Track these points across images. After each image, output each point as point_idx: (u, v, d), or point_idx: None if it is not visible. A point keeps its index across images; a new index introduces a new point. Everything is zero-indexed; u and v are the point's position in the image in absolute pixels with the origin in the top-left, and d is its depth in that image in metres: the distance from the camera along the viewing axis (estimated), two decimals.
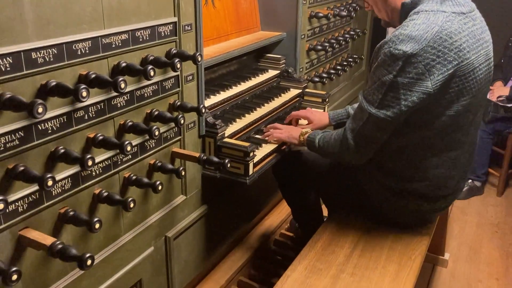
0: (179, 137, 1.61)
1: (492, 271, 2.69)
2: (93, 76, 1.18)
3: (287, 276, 1.57)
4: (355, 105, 2.12)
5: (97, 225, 1.16)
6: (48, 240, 1.10)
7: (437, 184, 1.69)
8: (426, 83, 1.46)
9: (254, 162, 1.77)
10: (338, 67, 2.82)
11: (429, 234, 1.81)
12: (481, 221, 3.20)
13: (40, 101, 0.98)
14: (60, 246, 1.08)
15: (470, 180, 3.49)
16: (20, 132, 1.07)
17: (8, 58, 1.01)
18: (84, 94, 1.08)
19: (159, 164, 1.50)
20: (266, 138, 1.97)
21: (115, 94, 1.31)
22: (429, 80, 1.46)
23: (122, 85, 1.16)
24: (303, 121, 2.18)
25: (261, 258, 2.41)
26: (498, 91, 3.41)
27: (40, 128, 1.11)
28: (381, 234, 1.79)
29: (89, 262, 1.07)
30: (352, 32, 2.96)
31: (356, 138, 1.64)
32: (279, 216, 2.63)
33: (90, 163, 1.13)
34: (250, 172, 1.74)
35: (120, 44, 1.29)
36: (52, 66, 1.12)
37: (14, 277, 0.98)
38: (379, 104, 1.54)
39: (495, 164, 3.75)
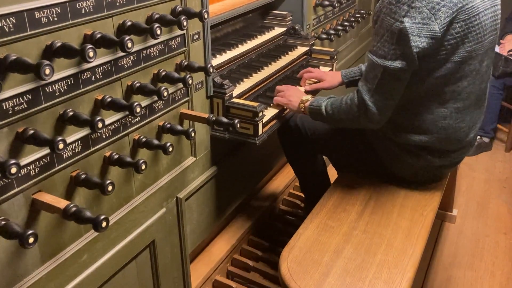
0: (187, 98, 1.59)
1: (500, 226, 2.72)
2: (99, 36, 1.14)
3: (300, 234, 1.58)
4: None
5: (109, 187, 1.16)
6: (61, 203, 1.09)
7: (445, 137, 1.68)
8: (433, 27, 1.46)
9: (263, 122, 1.75)
10: (346, 23, 2.74)
11: (440, 191, 1.81)
12: (489, 177, 3.20)
13: (47, 62, 0.95)
14: (74, 208, 1.07)
15: (478, 136, 3.47)
16: (27, 95, 1.05)
17: (11, 18, 0.98)
18: (91, 54, 1.05)
19: (168, 125, 1.48)
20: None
21: (121, 54, 1.27)
22: (436, 24, 1.45)
23: (129, 45, 1.12)
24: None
25: (270, 218, 2.43)
26: (509, 45, 3.33)
27: (48, 90, 1.09)
28: (392, 191, 1.79)
29: (104, 224, 1.07)
30: None
31: (374, 97, 1.59)
32: (288, 175, 2.64)
33: (100, 125, 1.11)
34: (260, 132, 1.72)
35: (124, 2, 1.25)
36: (57, 26, 1.08)
37: (31, 240, 0.98)
38: (392, 55, 1.51)
39: (504, 120, 3.72)
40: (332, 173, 2.21)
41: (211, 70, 1.51)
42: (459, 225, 2.73)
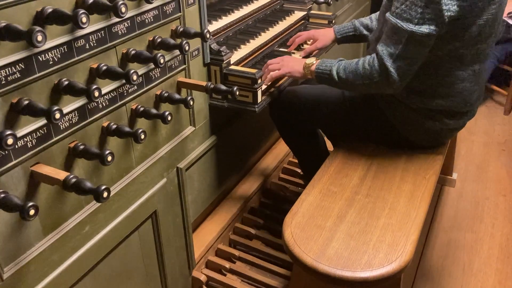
0: (184, 66, 1.55)
1: (499, 188, 2.73)
2: (92, 1, 1.10)
3: (302, 200, 1.57)
4: (362, 19, 2.02)
5: (109, 158, 1.13)
6: (61, 174, 1.07)
7: (461, 99, 1.65)
8: None
9: (263, 89, 1.72)
10: None
11: (442, 154, 1.79)
12: (488, 141, 3.20)
13: (38, 28, 0.91)
14: (74, 179, 1.05)
15: None
16: (20, 64, 1.01)
17: None
18: (84, 19, 1.00)
19: (165, 94, 1.45)
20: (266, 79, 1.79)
21: (115, 20, 1.23)
22: None
23: (123, 9, 1.08)
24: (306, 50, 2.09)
25: (271, 186, 2.43)
26: (508, 7, 3.27)
27: (41, 59, 1.05)
28: (394, 155, 1.77)
29: (105, 194, 1.05)
30: None
31: (396, 63, 1.51)
32: None
33: (96, 94, 1.08)
34: (259, 100, 1.69)
35: None
36: None
37: (32, 212, 0.96)
38: (420, 20, 1.44)
39: (503, 83, 3.69)
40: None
41: (208, 35, 1.47)
42: (459, 188, 2.74)
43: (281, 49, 2.06)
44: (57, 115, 1.00)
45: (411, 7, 1.45)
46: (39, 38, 0.92)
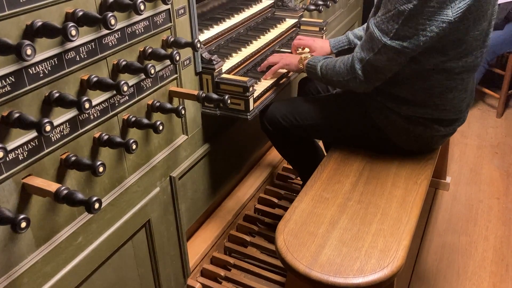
0: (176, 75, 1.56)
1: (493, 191, 2.74)
2: (81, 13, 1.11)
3: (295, 208, 1.58)
4: (356, 30, 2.05)
5: (100, 169, 1.14)
6: (53, 186, 1.08)
7: (451, 108, 1.67)
8: (446, 11, 1.38)
9: (254, 97, 1.73)
10: None
11: (433, 159, 1.81)
12: (481, 143, 3.22)
13: (27, 42, 0.92)
14: (65, 191, 1.06)
15: None
16: (10, 77, 1.02)
17: None
18: (74, 32, 1.01)
19: (157, 104, 1.46)
20: (264, 77, 1.90)
21: (106, 32, 1.24)
22: (450, 8, 1.38)
23: (113, 21, 1.09)
24: (306, 50, 2.12)
25: (265, 193, 2.44)
26: None
27: (31, 72, 1.06)
28: (386, 160, 1.78)
29: (96, 205, 1.06)
30: None
31: (364, 68, 1.58)
32: None
33: (87, 105, 1.09)
34: (251, 107, 1.71)
35: None
36: (36, 4, 1.04)
37: (23, 224, 0.97)
38: (394, 35, 1.45)
39: (495, 85, 3.72)
40: None
41: (199, 45, 1.48)
42: (453, 191, 2.75)
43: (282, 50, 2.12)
44: (48, 128, 1.01)
45: (390, 21, 1.46)
46: (28, 52, 0.93)
